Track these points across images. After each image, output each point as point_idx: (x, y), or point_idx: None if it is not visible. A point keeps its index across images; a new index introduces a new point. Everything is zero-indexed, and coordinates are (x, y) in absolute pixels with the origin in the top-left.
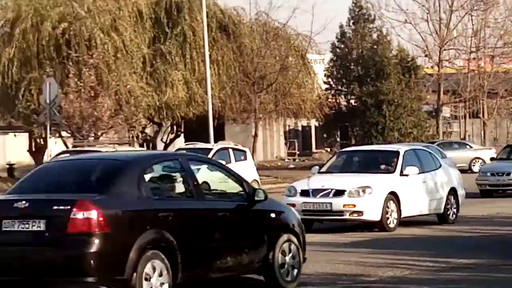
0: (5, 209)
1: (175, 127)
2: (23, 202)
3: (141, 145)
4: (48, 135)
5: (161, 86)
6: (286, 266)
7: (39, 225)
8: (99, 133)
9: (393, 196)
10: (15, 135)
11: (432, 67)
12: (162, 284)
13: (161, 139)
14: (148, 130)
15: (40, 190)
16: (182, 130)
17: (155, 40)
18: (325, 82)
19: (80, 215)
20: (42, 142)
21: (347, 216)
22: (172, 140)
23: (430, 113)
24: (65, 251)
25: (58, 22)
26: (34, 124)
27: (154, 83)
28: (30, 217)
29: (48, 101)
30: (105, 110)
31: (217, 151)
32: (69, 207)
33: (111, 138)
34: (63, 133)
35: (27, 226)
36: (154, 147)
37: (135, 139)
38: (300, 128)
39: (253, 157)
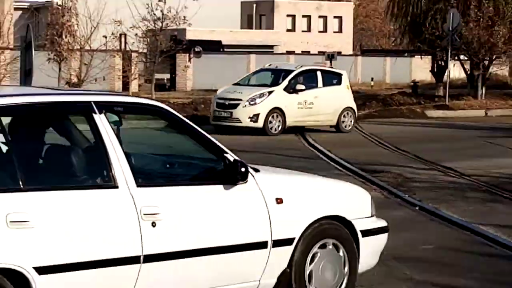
0: None
1: None
2: None
3: None
4: (449, 58)
5: None
6: None
7: None
8: (493, 57)
9: None
10: (421, 57)
11: None
12: None
13: None
14: None
15: None
16: None
17: None
18: None
19: None
20: (443, 64)
21: None
22: None
23: None
24: None
25: None
26: (437, 48)
27: None
28: None
29: (450, 29)
30: (500, 37)
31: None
32: None
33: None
34: (462, 57)
35: None
36: None
37: None
38: None
39: None
